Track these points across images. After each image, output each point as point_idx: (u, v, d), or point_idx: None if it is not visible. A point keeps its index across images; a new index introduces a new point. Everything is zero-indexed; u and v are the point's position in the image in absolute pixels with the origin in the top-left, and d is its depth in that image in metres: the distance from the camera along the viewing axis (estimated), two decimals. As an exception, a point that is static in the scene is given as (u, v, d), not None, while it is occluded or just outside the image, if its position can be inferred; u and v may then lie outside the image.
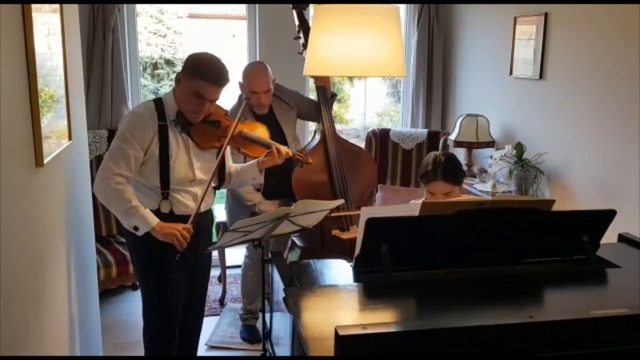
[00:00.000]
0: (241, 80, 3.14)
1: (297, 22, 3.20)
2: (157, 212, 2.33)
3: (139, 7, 4.79)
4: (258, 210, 2.99)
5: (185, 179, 2.36)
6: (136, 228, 2.23)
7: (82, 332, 2.53)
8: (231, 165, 2.61)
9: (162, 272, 2.42)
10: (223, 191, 2.95)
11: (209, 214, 2.56)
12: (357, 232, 3.10)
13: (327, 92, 3.23)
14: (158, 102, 2.35)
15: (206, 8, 10.37)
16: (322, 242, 3.12)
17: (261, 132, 2.62)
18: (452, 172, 2.34)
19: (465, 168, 4.14)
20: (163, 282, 2.43)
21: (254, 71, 3.09)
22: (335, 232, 3.11)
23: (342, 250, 3.09)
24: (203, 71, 2.24)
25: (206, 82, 2.24)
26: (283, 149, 2.53)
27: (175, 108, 2.33)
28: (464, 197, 2.48)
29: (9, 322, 1.56)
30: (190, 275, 2.51)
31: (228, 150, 2.55)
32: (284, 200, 3.13)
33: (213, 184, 2.48)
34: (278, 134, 3.07)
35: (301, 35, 3.20)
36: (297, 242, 3.24)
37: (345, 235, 3.10)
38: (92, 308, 2.84)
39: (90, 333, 2.76)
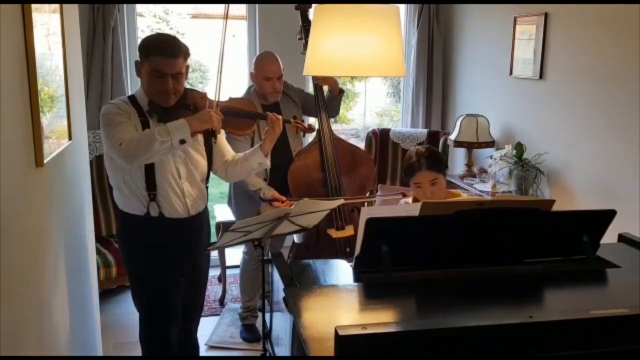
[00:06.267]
0: (252, 70, 3.18)
1: (300, 23, 3.21)
2: (146, 216, 2.28)
3: (143, 8, 4.79)
4: (262, 196, 2.93)
5: (171, 173, 2.28)
6: (183, 141, 2.12)
7: (81, 332, 2.53)
8: (234, 155, 2.54)
9: (159, 282, 2.37)
10: (224, 191, 2.94)
11: (205, 214, 2.51)
12: (350, 232, 3.14)
13: (324, 91, 3.24)
14: (131, 98, 2.30)
15: (207, 8, 10.37)
16: (317, 239, 3.14)
17: (247, 106, 2.54)
18: (435, 160, 2.37)
19: (465, 168, 4.15)
20: (160, 291, 2.38)
21: (266, 58, 3.14)
22: (330, 231, 3.12)
23: (335, 248, 3.12)
24: (152, 46, 2.20)
25: (158, 55, 2.17)
26: (272, 115, 2.48)
27: (146, 99, 2.27)
28: (464, 197, 2.49)
29: (9, 321, 1.56)
30: (188, 275, 2.48)
31: (223, 136, 2.48)
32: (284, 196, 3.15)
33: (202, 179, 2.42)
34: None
35: (302, 35, 3.21)
36: (294, 238, 3.26)
37: (335, 234, 3.12)
38: (92, 308, 2.84)
39: (90, 333, 2.76)
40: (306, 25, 3.18)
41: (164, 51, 2.18)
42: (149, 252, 2.34)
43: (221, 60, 2.27)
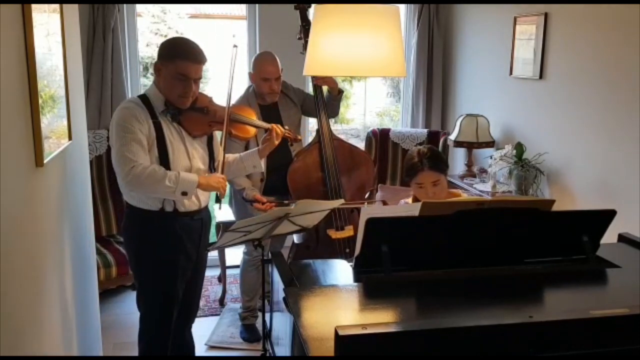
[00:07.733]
0: (251, 70, 3.20)
1: (300, 23, 3.21)
2: (160, 212, 2.33)
3: (141, 7, 4.79)
4: (245, 196, 3.01)
5: (186, 170, 2.35)
6: (184, 193, 2.25)
7: (81, 332, 2.53)
8: (228, 155, 2.60)
9: (168, 278, 2.40)
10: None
11: (207, 211, 2.55)
12: (349, 232, 3.15)
13: (324, 91, 3.25)
14: (144, 98, 2.34)
15: (207, 8, 10.37)
16: (317, 239, 3.15)
17: (249, 113, 2.69)
18: (437, 160, 2.37)
19: (465, 168, 4.15)
20: (169, 287, 2.41)
21: (265, 59, 3.15)
22: (329, 231, 3.12)
23: (335, 248, 3.13)
24: (181, 51, 2.27)
25: (186, 61, 2.26)
26: (276, 127, 2.60)
27: (162, 99, 2.33)
28: (464, 197, 2.49)
29: (9, 322, 1.56)
30: (192, 271, 2.50)
31: (217, 138, 2.56)
32: (280, 196, 3.15)
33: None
34: None
35: (302, 35, 3.21)
36: (294, 238, 3.27)
37: (335, 235, 3.12)
38: (92, 308, 2.84)
39: (90, 333, 2.76)
40: (305, 25, 3.19)
41: (193, 56, 2.28)
42: (160, 247, 2.37)
43: (231, 81, 2.48)
